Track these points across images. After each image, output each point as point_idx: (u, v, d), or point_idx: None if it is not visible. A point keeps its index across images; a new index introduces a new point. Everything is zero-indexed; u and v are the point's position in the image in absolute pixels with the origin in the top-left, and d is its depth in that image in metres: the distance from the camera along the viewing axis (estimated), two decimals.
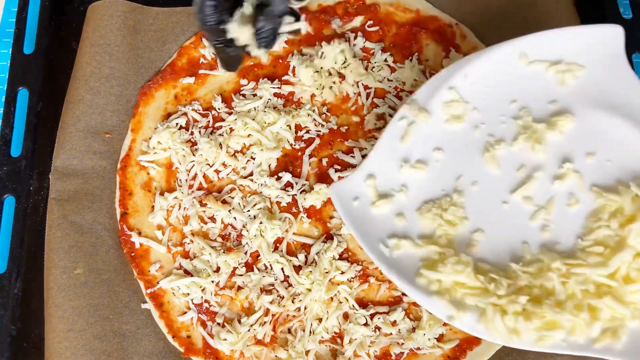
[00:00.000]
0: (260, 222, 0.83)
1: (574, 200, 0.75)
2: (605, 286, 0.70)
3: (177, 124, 0.90)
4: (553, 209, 0.75)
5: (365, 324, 0.79)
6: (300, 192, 0.86)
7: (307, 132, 0.90)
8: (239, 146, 0.89)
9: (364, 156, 0.87)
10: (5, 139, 0.87)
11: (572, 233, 0.74)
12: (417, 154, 0.79)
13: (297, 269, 0.83)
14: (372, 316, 0.80)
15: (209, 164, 0.88)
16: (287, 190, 0.86)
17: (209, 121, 0.90)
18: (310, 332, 0.79)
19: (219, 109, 0.91)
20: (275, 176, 0.87)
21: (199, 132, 0.89)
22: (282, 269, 0.82)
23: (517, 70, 0.80)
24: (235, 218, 0.85)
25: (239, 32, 0.72)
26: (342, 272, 0.82)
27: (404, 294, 0.81)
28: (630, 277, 0.69)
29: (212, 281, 0.82)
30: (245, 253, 0.84)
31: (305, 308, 0.81)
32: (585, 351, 0.68)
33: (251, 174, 0.87)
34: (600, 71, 0.78)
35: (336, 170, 0.87)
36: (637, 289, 0.69)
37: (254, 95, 0.91)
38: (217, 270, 0.83)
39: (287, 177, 0.86)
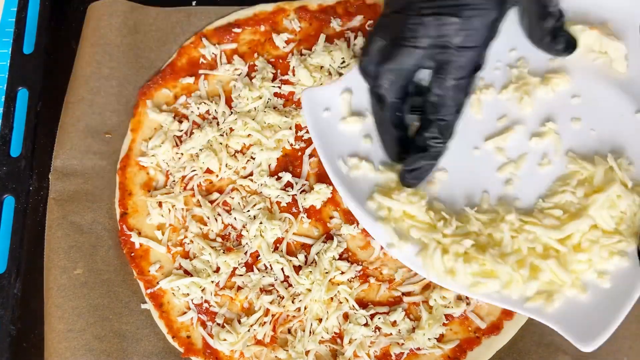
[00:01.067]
0: (260, 222, 0.83)
1: (547, 161, 0.74)
2: (553, 250, 0.69)
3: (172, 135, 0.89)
4: (523, 165, 0.74)
5: (365, 324, 0.79)
6: (300, 192, 0.86)
7: (307, 132, 0.90)
8: (239, 146, 0.88)
9: None
10: (5, 139, 0.87)
11: (535, 192, 0.73)
12: None
13: (297, 269, 0.82)
14: (372, 316, 0.80)
15: (210, 171, 0.88)
16: (287, 190, 0.86)
17: (210, 122, 0.90)
18: (310, 332, 0.79)
19: (217, 110, 0.91)
20: (275, 176, 0.87)
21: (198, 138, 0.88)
22: (282, 269, 0.82)
23: None
24: (235, 218, 0.85)
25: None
26: (342, 272, 0.81)
27: (404, 294, 0.81)
28: (581, 247, 0.69)
29: (212, 281, 0.82)
30: (245, 253, 0.84)
31: (305, 308, 0.80)
32: (515, 307, 0.68)
33: (251, 174, 0.87)
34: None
35: None
36: (584, 259, 0.68)
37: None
38: (217, 270, 0.83)
39: (287, 177, 0.86)
